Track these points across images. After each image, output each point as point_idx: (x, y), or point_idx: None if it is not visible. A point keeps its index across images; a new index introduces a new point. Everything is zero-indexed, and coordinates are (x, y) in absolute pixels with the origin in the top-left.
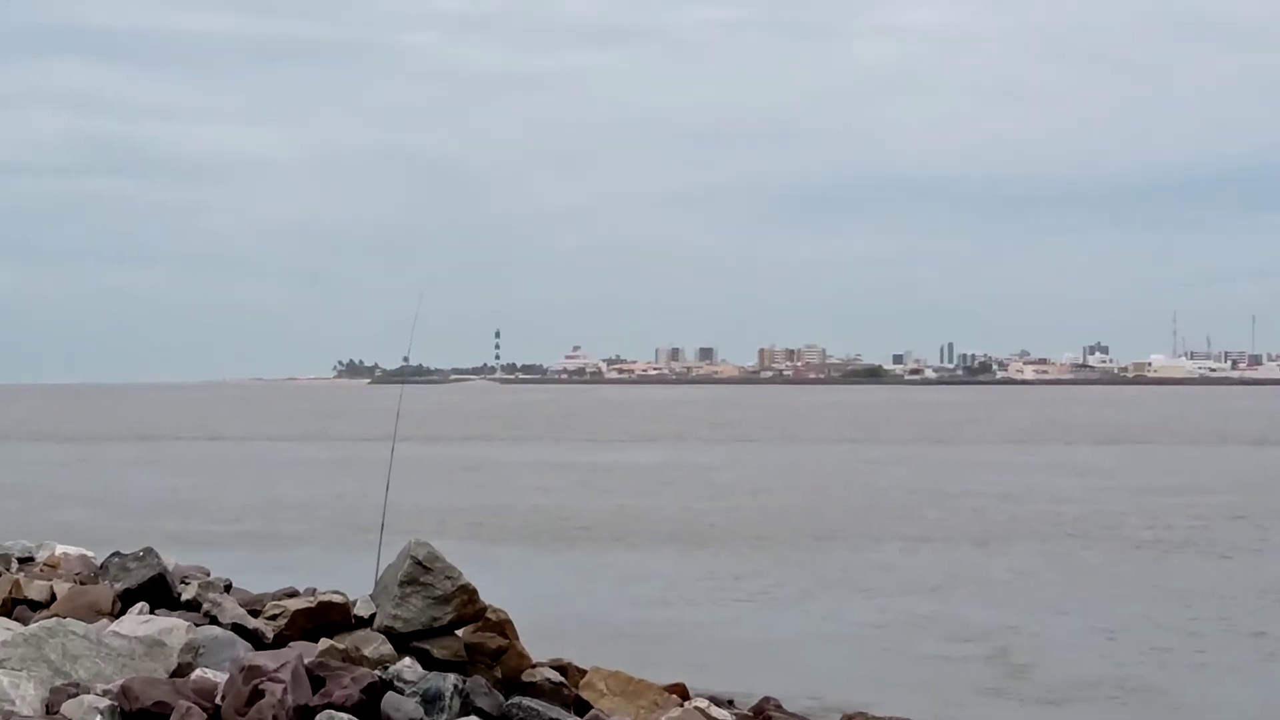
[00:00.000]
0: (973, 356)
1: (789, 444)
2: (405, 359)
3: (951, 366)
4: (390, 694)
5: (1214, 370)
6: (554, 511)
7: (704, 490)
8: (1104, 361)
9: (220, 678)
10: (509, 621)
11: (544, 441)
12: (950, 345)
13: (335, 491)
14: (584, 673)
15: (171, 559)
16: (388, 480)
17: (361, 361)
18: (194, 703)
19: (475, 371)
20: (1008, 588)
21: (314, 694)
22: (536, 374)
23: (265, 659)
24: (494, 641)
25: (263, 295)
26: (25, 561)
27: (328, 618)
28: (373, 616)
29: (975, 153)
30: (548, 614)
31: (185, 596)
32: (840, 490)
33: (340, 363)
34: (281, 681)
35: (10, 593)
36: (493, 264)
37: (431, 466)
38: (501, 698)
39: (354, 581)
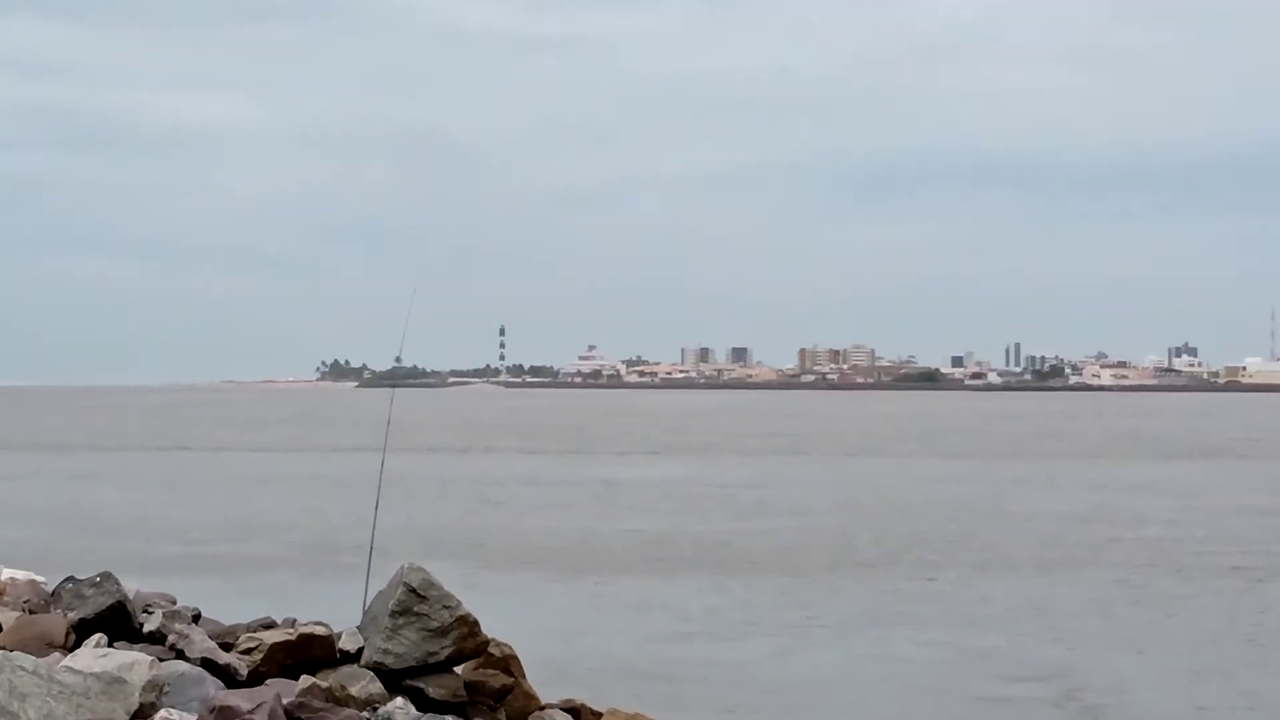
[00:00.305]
0: (1042, 359)
1: (832, 458)
2: (397, 359)
3: (1018, 370)
4: None
5: None
6: (565, 533)
7: (735, 510)
8: (1192, 365)
9: (188, 719)
10: (514, 657)
11: (554, 453)
12: (1017, 346)
13: (317, 509)
14: (599, 716)
15: (133, 585)
16: (377, 496)
17: (347, 362)
18: None
19: (477, 374)
20: (1078, 621)
21: None
22: (546, 377)
23: (239, 699)
24: (498, 680)
25: (235, 287)
26: None
27: (309, 652)
28: (360, 651)
29: (1051, 126)
30: (558, 649)
31: (148, 627)
32: (889, 510)
33: (324, 363)
34: None
35: None
36: (498, 252)
37: (427, 481)
38: None
39: (339, 611)
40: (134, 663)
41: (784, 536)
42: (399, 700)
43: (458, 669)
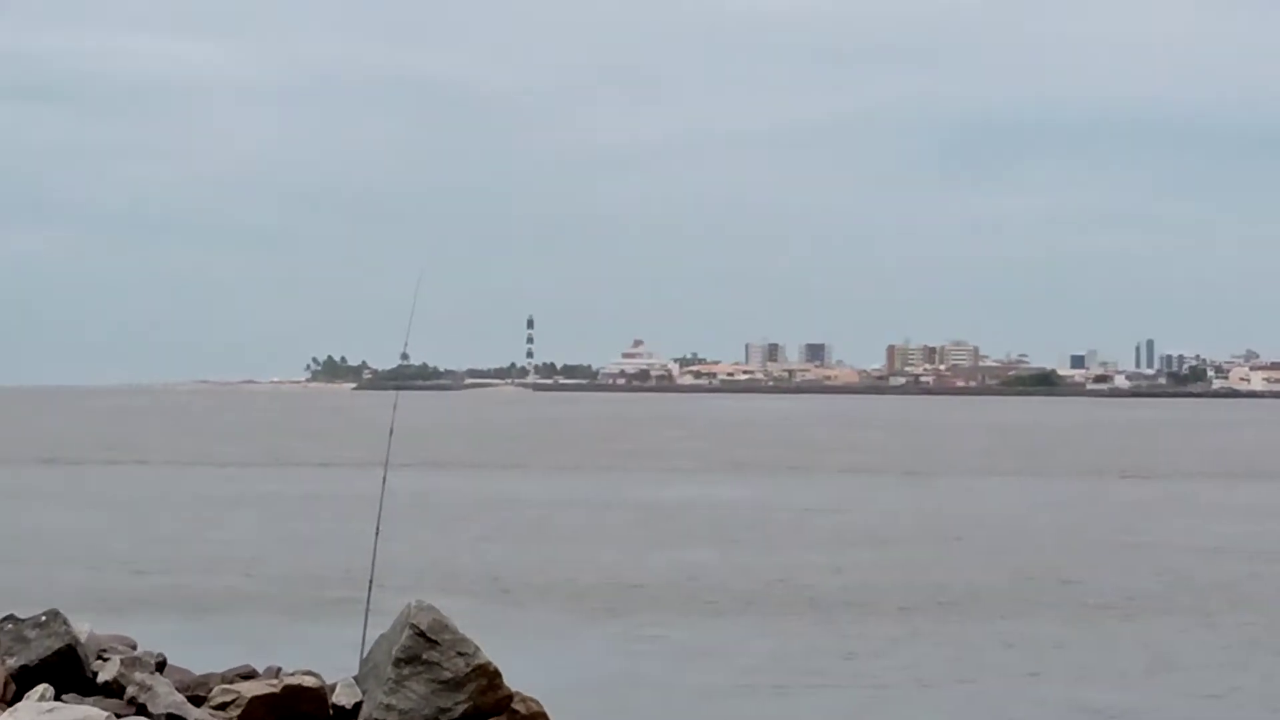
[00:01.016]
0: (1180, 359)
1: (924, 477)
2: (403, 356)
3: (1151, 373)
4: None
5: None
6: (602, 566)
7: (805, 538)
8: None
9: None
10: (543, 715)
11: (590, 470)
12: (1149, 344)
13: (305, 535)
14: None
15: (84, 626)
16: (378, 520)
17: (344, 359)
18: None
19: (500, 374)
20: (1214, 674)
21: None
22: (583, 378)
23: None
24: None
25: (207, 268)
26: None
27: (296, 707)
28: (358, 706)
29: (1190, 80)
30: (594, 704)
31: (103, 677)
32: (991, 540)
33: (315, 361)
34: None
35: None
36: (526, 228)
37: (437, 502)
38: None
39: (331, 658)
40: (86, 719)
41: (863, 571)
42: None
43: None
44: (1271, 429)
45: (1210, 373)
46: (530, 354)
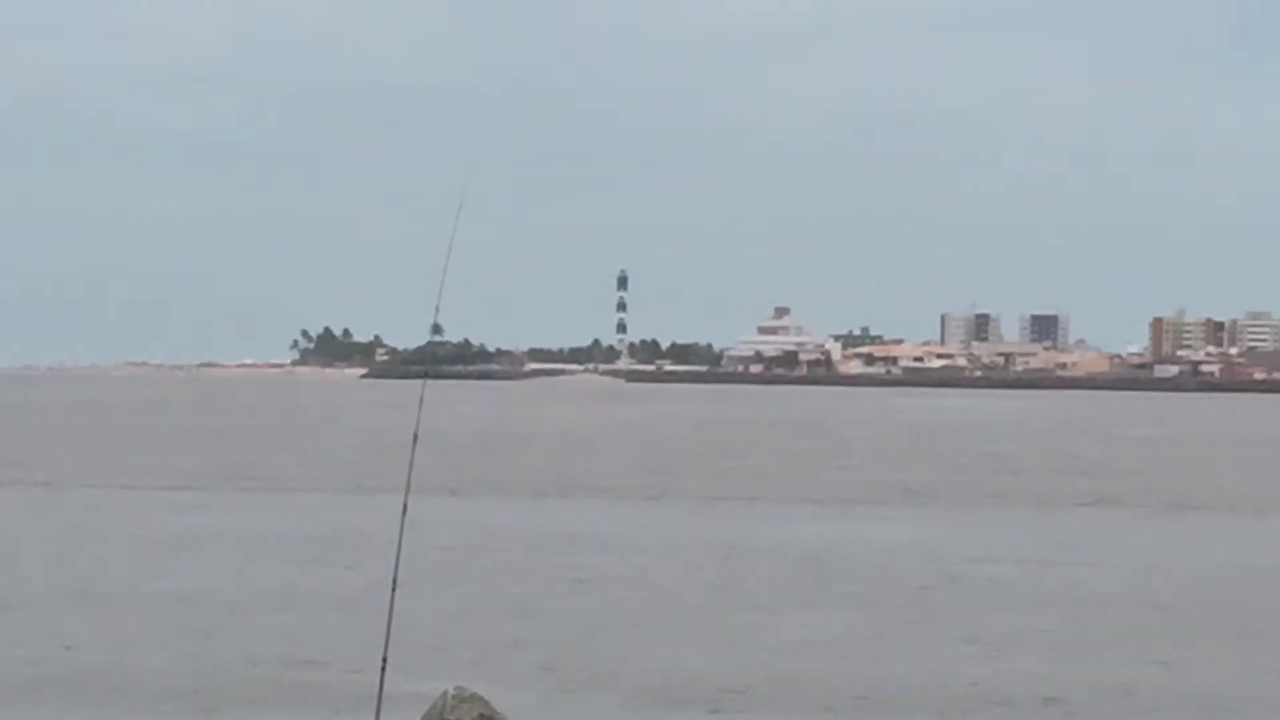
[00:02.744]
0: None
1: (1200, 513)
2: (435, 329)
3: None
4: None
5: None
6: (699, 638)
7: (1004, 601)
8: None
9: None
10: None
11: (692, 499)
12: None
13: (287, 590)
14: None
15: None
16: (394, 572)
17: (347, 333)
18: None
19: (578, 356)
20: None
21: None
22: (700, 363)
23: None
24: None
25: (145, 202)
26: None
27: None
28: None
29: None
30: None
31: None
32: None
33: (305, 336)
34: None
35: None
36: (616, 147)
37: (477, 545)
38: None
39: None
40: None
41: (1106, 667)
42: None
43: None
44: None
45: None
46: (622, 328)
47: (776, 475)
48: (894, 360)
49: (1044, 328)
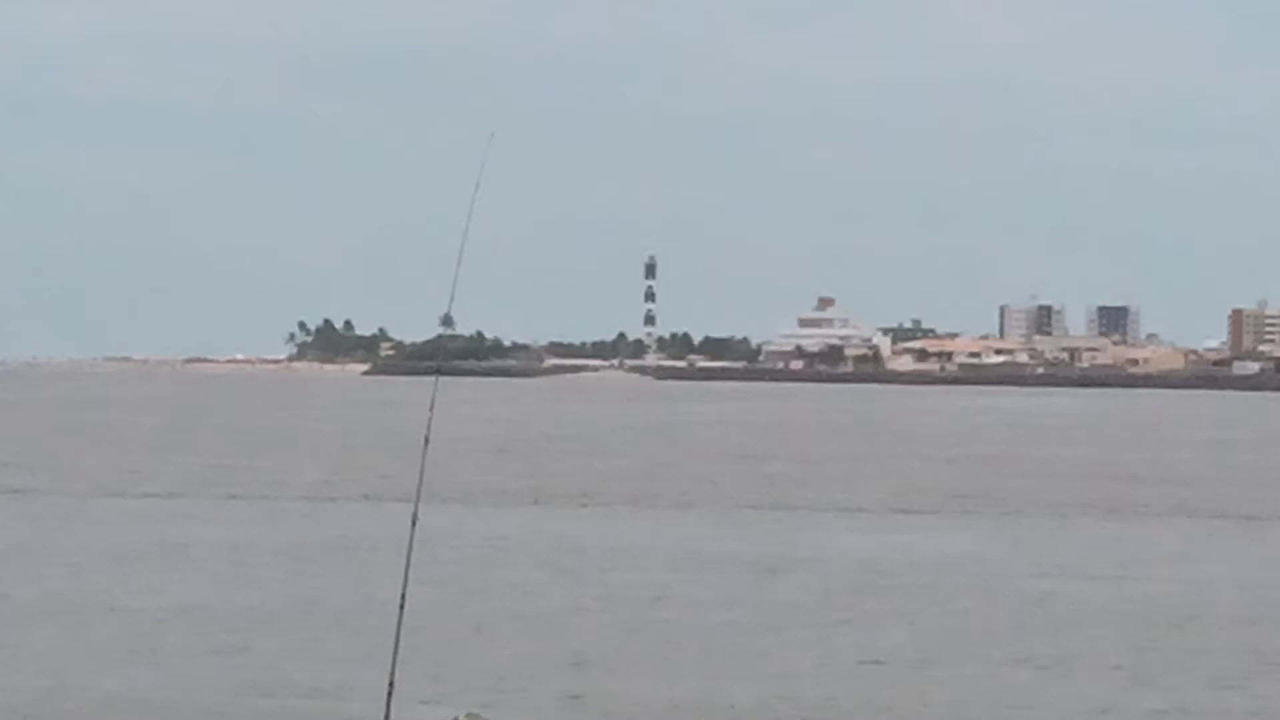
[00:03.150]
0: None
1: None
2: (445, 320)
3: None
4: None
5: None
6: (723, 676)
7: (1062, 620)
8: None
9: None
10: None
11: (725, 508)
12: None
13: (282, 608)
14: None
15: None
16: (403, 589)
17: (350, 325)
18: None
19: (603, 351)
20: None
21: None
22: (736, 358)
23: None
24: None
25: (140, 182)
26: None
27: None
28: None
29: None
30: None
31: None
32: None
33: (303, 328)
34: None
35: None
36: (644, 119)
37: (492, 561)
38: None
39: None
40: None
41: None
42: None
43: None
44: None
45: None
46: (651, 319)
47: (817, 482)
48: (948, 356)
49: (1113, 320)
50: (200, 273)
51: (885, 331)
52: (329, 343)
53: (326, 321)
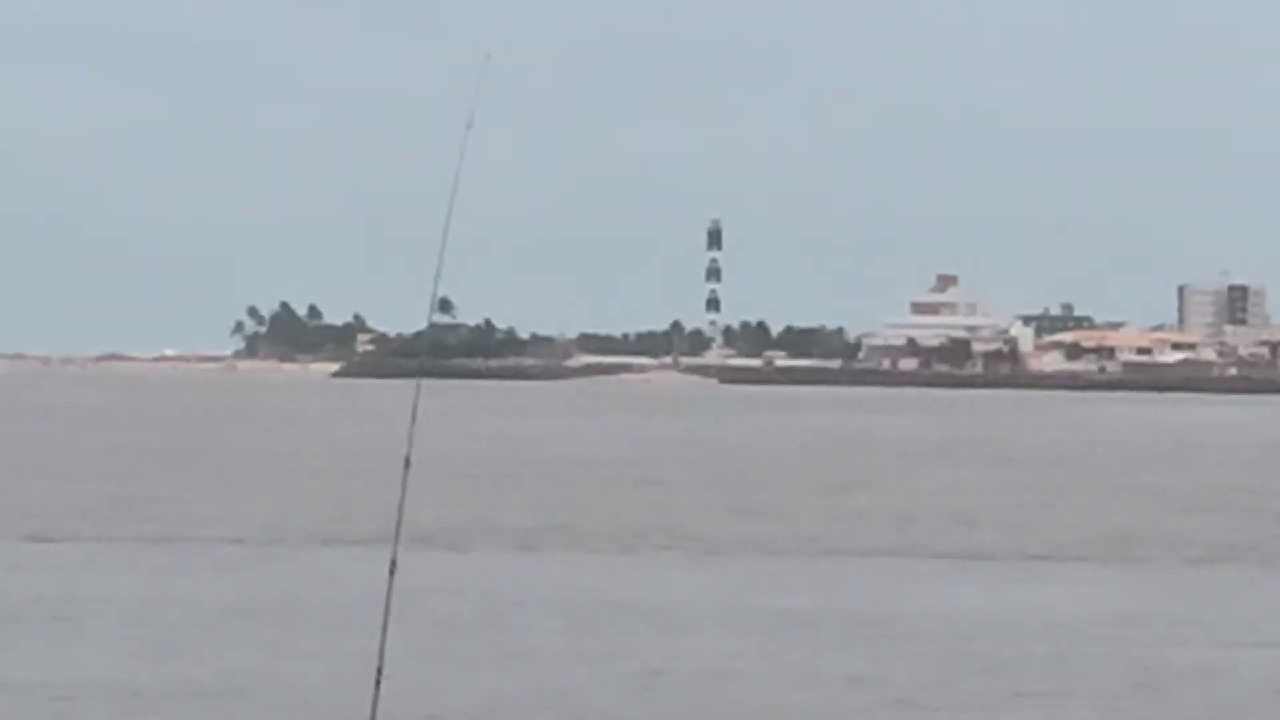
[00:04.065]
0: None
1: None
2: (441, 304)
3: None
4: None
5: None
6: None
7: (1242, 700)
8: None
9: None
10: None
11: (806, 555)
12: None
13: (227, 681)
14: None
15: None
16: (379, 657)
17: (315, 312)
18: None
19: (650, 345)
20: None
21: None
22: (827, 355)
23: None
24: None
25: (45, 123)
26: None
27: None
28: None
29: None
30: None
31: None
32: None
33: (253, 316)
34: None
35: None
36: (702, 56)
37: (485, 621)
38: None
39: None
40: None
41: None
42: None
43: None
44: None
45: None
46: (714, 304)
47: (927, 519)
48: (1109, 352)
49: None
50: (119, 242)
51: (1025, 320)
52: (288, 335)
53: (284, 306)
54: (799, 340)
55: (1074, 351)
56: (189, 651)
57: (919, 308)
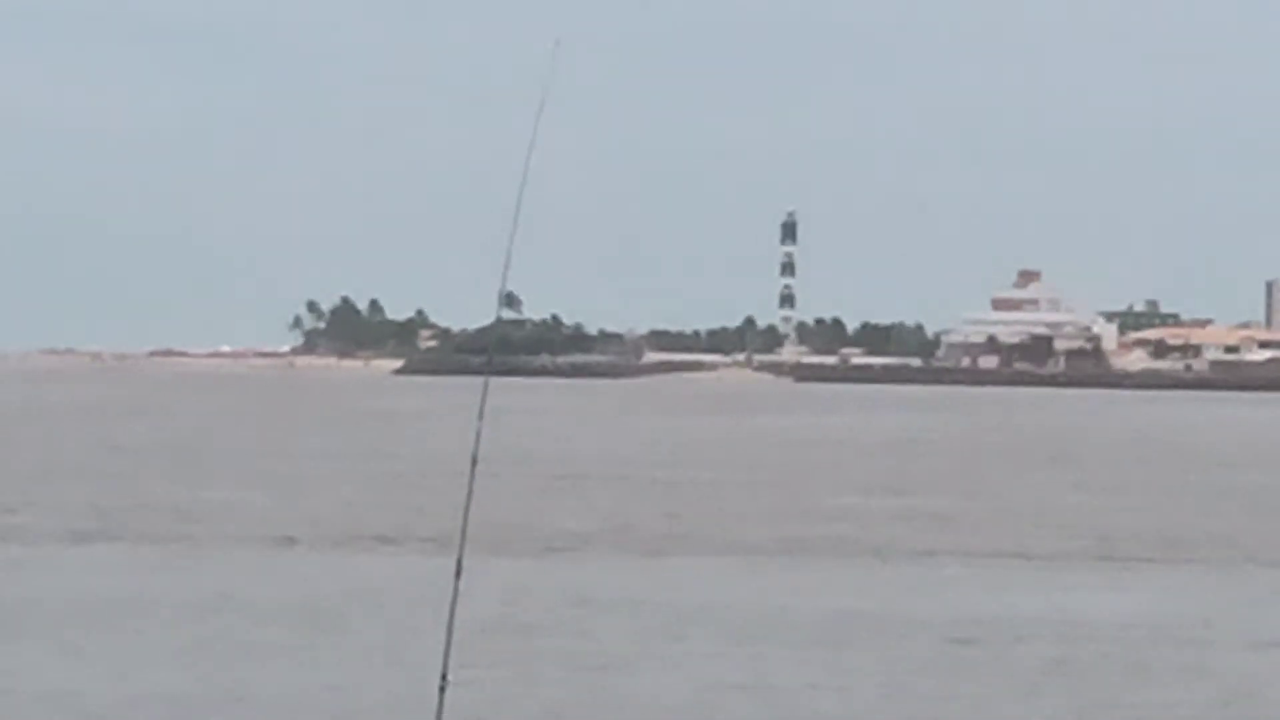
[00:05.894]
0: None
1: None
2: (505, 300)
3: None
4: None
5: None
6: None
7: None
8: None
9: None
10: None
11: (853, 555)
12: None
13: (283, 684)
14: None
15: None
16: (444, 663)
17: (377, 307)
18: None
19: (723, 342)
20: None
21: None
22: (907, 353)
23: None
24: None
25: (96, 117)
26: None
27: None
28: None
29: None
30: None
31: None
32: None
33: (313, 310)
34: None
35: None
36: (778, 42)
37: (552, 627)
38: None
39: None
40: None
41: None
42: None
43: None
44: None
45: None
46: (789, 300)
47: (1008, 521)
48: (1196, 350)
49: None
50: (173, 237)
51: (1109, 317)
52: (348, 330)
53: (345, 301)
54: (875, 337)
55: (1159, 349)
56: (241, 658)
57: (1000, 304)
